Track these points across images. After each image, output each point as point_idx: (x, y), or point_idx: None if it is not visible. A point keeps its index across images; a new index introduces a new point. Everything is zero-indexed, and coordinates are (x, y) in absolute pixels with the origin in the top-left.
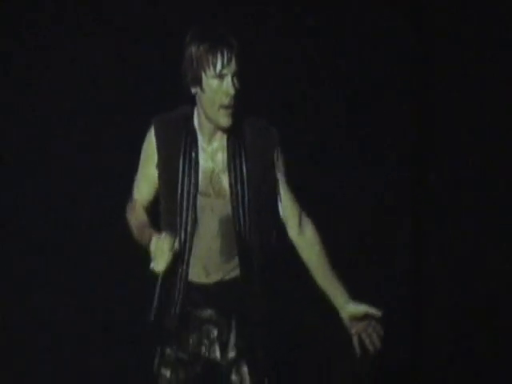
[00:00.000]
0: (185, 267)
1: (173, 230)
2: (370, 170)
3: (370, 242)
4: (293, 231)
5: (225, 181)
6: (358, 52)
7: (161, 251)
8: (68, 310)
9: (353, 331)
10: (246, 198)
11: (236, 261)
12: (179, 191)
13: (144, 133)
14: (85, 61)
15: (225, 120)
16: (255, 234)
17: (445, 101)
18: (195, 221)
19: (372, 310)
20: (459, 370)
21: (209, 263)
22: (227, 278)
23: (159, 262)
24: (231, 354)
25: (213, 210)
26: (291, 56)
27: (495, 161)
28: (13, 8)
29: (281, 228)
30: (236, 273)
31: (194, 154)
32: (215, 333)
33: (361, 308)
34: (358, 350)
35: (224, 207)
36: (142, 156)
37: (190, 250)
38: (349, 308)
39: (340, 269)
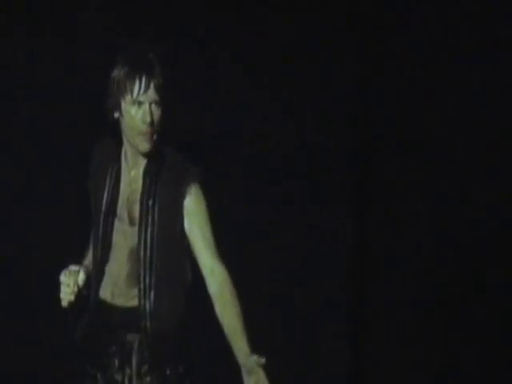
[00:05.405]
0: (95, 286)
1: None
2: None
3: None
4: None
5: (138, 210)
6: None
7: (67, 285)
8: None
9: None
10: (154, 231)
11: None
12: (101, 214)
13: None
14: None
15: (143, 145)
16: (160, 266)
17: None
18: (110, 244)
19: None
20: None
21: (115, 287)
22: (128, 305)
23: (64, 298)
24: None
25: (125, 236)
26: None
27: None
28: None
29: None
30: (135, 302)
31: (114, 180)
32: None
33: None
34: None
35: (135, 236)
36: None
37: (103, 271)
38: (248, 364)
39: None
